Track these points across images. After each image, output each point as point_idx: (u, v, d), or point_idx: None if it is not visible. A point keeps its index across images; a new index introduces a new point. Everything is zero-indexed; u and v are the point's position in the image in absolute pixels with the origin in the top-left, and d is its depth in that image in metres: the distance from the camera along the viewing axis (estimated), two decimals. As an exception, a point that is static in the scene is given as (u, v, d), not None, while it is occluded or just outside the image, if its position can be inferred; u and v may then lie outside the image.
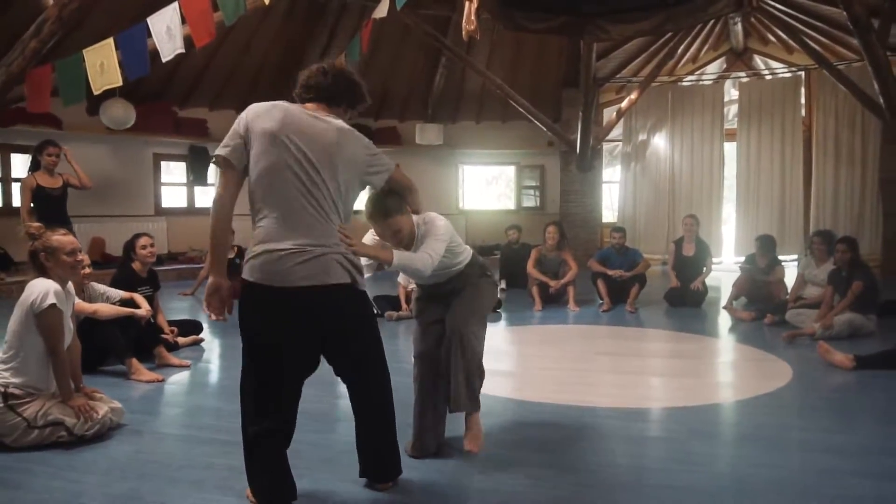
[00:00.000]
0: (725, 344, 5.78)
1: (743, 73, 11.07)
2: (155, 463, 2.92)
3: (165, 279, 8.97)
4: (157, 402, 3.85)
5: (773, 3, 9.18)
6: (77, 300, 4.02)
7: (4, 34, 7.00)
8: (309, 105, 2.49)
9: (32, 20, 6.24)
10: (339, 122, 2.46)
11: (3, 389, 2.96)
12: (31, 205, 6.04)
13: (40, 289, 3.00)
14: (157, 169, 10.34)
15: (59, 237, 3.15)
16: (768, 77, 10.96)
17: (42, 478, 2.75)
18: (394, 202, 2.79)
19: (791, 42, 9.78)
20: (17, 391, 2.98)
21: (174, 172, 10.77)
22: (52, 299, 2.98)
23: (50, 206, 6.03)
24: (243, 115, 2.40)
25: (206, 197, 10.86)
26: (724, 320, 6.67)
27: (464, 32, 4.83)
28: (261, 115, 2.37)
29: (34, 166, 6.20)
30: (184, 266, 9.54)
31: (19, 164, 8.69)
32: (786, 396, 4.05)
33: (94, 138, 9.30)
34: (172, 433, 3.32)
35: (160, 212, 10.30)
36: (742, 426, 3.59)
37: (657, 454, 3.11)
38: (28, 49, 6.26)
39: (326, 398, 3.78)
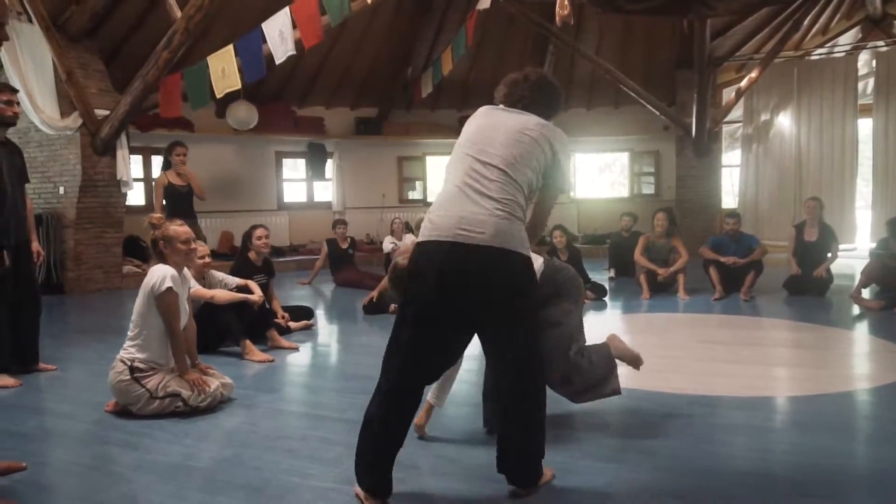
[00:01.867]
0: (848, 334, 5.40)
1: (881, 43, 10.16)
2: (257, 433, 3.17)
3: (286, 269, 9.58)
4: (266, 381, 4.14)
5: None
6: (197, 286, 4.41)
7: (141, 48, 7.71)
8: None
9: (164, 33, 6.84)
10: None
11: (129, 363, 3.32)
12: (163, 201, 6.64)
13: (159, 274, 3.34)
14: (279, 166, 10.98)
15: (176, 227, 3.48)
16: (911, 45, 9.99)
17: (161, 442, 3.06)
18: None
19: (937, 5, 8.89)
20: (141, 365, 3.33)
21: (294, 169, 11.39)
22: (168, 283, 3.30)
23: (179, 201, 6.61)
24: None
25: (324, 192, 11.42)
26: (849, 309, 6.21)
27: (557, 18, 4.81)
28: None
29: (166, 165, 6.80)
30: (303, 257, 10.09)
31: (158, 166, 9.52)
32: None
33: (222, 139, 10.03)
34: (276, 408, 3.57)
35: (282, 206, 10.94)
36: (849, 418, 3.38)
37: (752, 443, 2.99)
38: (161, 59, 6.87)
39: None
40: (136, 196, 9.20)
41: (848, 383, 3.97)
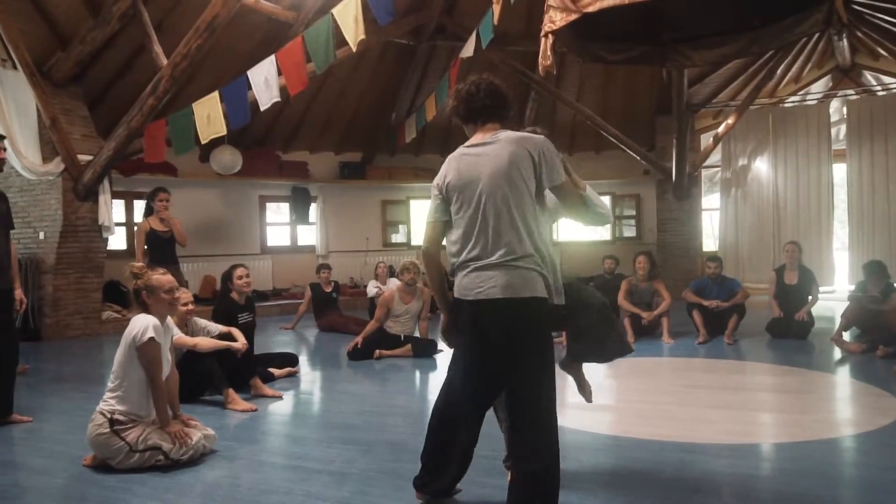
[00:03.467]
0: (830, 378, 5.43)
1: (851, 91, 10.48)
2: (240, 488, 3.10)
3: (269, 313, 9.51)
4: (250, 431, 4.07)
5: (879, 15, 8.68)
6: (179, 334, 4.35)
7: (126, 94, 7.76)
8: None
9: (149, 79, 6.89)
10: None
11: (109, 416, 3.25)
12: (145, 247, 6.59)
13: (141, 324, 3.29)
14: (263, 210, 10.98)
15: (159, 276, 3.45)
16: (880, 93, 10.32)
17: (141, 498, 2.98)
18: None
19: (904, 55, 9.20)
20: (121, 417, 3.26)
21: (278, 213, 11.39)
22: (150, 333, 3.26)
23: (161, 248, 6.56)
24: None
25: (308, 235, 11.41)
26: (831, 353, 6.26)
27: (540, 68, 4.91)
28: None
29: (148, 211, 6.77)
30: (287, 301, 10.02)
31: (141, 211, 9.46)
32: (892, 435, 3.76)
33: (206, 183, 10.03)
34: (260, 460, 3.50)
35: (265, 250, 10.90)
36: (834, 465, 3.38)
37: (739, 491, 2.98)
38: (146, 105, 6.91)
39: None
40: (117, 241, 9.13)
41: (832, 429, 3.98)
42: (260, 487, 3.08)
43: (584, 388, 3.13)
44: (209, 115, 6.63)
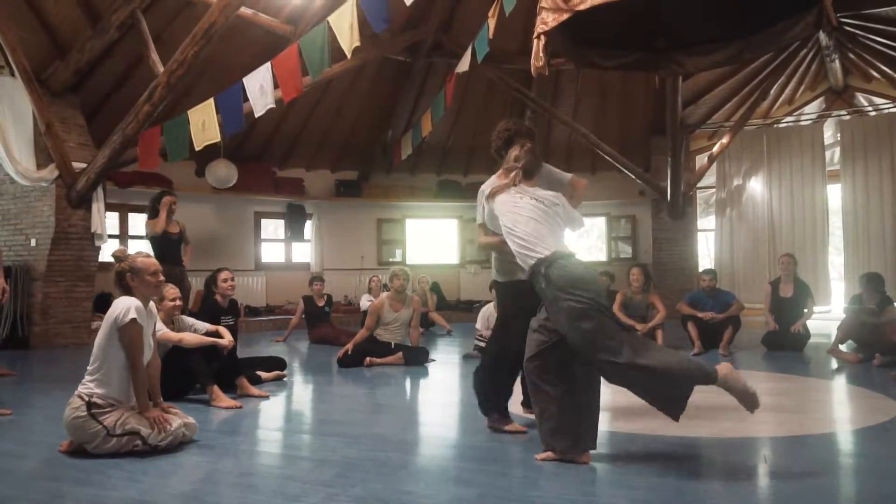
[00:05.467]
0: (826, 383, 5.36)
1: (844, 112, 10.56)
2: (218, 471, 3.02)
3: (262, 329, 9.45)
4: (233, 424, 3.98)
5: (872, 37, 8.80)
6: (166, 330, 4.29)
7: (124, 105, 7.76)
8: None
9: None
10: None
11: (87, 399, 3.17)
12: (151, 246, 6.66)
13: (123, 305, 3.23)
14: (258, 226, 10.95)
15: (143, 259, 3.40)
16: (872, 114, 10.39)
17: (116, 479, 2.88)
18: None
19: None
20: (99, 401, 3.18)
21: (273, 229, 11.36)
22: (132, 314, 3.20)
23: (169, 248, 6.59)
24: None
25: (303, 253, 11.36)
26: (826, 363, 6.19)
27: (532, 69, 4.91)
28: None
29: (153, 215, 6.80)
30: (279, 317, 9.93)
31: (135, 223, 9.44)
32: (889, 430, 3.68)
33: (201, 197, 10.00)
34: (241, 448, 3.41)
35: (260, 267, 10.84)
36: (830, 455, 3.31)
37: (734, 481, 2.90)
38: (141, 113, 6.92)
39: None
40: (110, 252, 9.05)
41: (828, 426, 3.91)
42: (239, 471, 3.00)
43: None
44: (204, 122, 6.63)
